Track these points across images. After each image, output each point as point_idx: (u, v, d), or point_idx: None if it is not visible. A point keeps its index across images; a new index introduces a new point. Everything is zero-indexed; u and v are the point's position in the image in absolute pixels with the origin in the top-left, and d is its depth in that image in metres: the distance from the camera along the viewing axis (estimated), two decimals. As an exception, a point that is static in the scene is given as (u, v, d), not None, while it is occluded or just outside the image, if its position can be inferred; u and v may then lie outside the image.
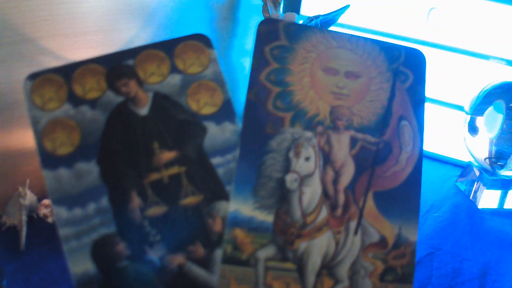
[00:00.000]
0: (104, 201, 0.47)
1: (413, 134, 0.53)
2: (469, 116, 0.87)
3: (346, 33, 0.54)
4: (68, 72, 0.49)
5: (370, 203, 0.51)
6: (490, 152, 0.85)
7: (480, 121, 0.85)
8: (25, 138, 0.70)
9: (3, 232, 0.67)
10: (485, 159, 0.86)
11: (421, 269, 0.67)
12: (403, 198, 0.51)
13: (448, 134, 0.98)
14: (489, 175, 0.87)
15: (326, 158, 0.50)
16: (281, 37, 0.52)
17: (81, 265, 0.46)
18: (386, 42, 0.54)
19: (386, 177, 0.51)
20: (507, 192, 0.87)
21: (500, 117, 0.83)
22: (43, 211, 0.70)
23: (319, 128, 0.51)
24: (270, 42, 0.52)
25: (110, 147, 0.48)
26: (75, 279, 0.46)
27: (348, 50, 0.53)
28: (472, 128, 0.86)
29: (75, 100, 0.49)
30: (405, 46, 0.55)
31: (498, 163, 0.85)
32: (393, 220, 0.51)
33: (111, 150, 0.48)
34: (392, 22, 0.95)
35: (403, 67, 0.54)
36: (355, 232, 0.50)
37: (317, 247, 0.49)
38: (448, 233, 0.77)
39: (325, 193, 0.50)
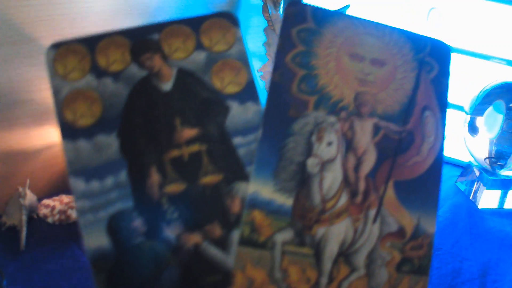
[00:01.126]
0: (123, 176, 0.46)
1: (436, 125, 0.52)
2: (469, 116, 0.87)
3: (373, 20, 0.53)
4: (93, 43, 0.48)
5: (390, 192, 0.50)
6: (490, 152, 0.85)
7: (480, 121, 0.85)
8: (25, 138, 0.71)
9: (3, 232, 0.66)
10: (485, 159, 0.86)
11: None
12: (423, 189, 0.51)
13: (448, 134, 0.96)
14: (489, 175, 0.87)
15: (349, 144, 0.50)
16: (308, 20, 0.51)
17: (95, 239, 0.45)
18: (412, 32, 0.54)
19: (407, 167, 0.51)
20: (507, 192, 0.88)
21: (500, 117, 0.83)
22: (43, 211, 0.70)
23: (343, 114, 0.50)
24: (297, 24, 0.51)
25: (131, 121, 0.47)
26: (89, 254, 0.45)
27: (374, 37, 0.52)
28: (472, 128, 0.87)
29: (98, 71, 0.48)
30: (431, 37, 0.54)
31: (498, 163, 0.86)
32: (412, 210, 0.50)
33: (132, 124, 0.47)
34: (392, 22, 0.95)
35: (429, 58, 0.53)
36: (374, 221, 0.49)
37: (335, 234, 0.48)
38: (448, 233, 0.77)
39: (345, 179, 0.49)
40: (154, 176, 0.47)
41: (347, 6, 0.88)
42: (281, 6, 0.92)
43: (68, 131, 0.47)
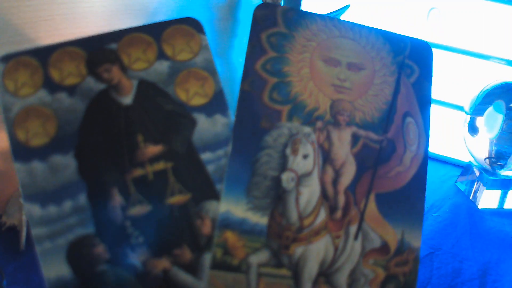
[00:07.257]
0: (82, 199, 0.43)
1: (419, 132, 0.49)
2: (469, 116, 0.86)
3: (349, 22, 0.50)
4: (45, 55, 0.45)
5: (371, 205, 0.47)
6: (490, 152, 0.84)
7: (480, 121, 0.85)
8: (25, 138, 0.70)
9: (3, 232, 0.65)
10: (485, 159, 0.85)
11: (421, 269, 0.65)
12: (406, 201, 0.48)
13: (448, 134, 0.98)
14: (489, 175, 0.87)
15: (326, 156, 0.47)
16: (279, 24, 0.48)
17: (55, 268, 0.42)
18: (391, 32, 0.51)
19: (389, 178, 0.48)
20: (507, 192, 0.87)
21: (500, 117, 0.82)
22: (43, 211, 0.69)
23: (319, 123, 0.47)
24: (267, 28, 0.48)
25: (89, 139, 0.44)
26: (48, 285, 0.42)
27: (351, 40, 0.49)
28: (472, 128, 0.86)
29: (51, 86, 0.44)
30: (411, 38, 0.51)
31: (498, 163, 0.85)
32: (395, 224, 0.47)
33: (91, 143, 0.44)
34: (392, 22, 0.95)
35: (409, 60, 0.50)
36: (356, 237, 0.46)
37: (315, 253, 0.45)
38: (448, 233, 0.76)
39: (324, 194, 0.46)
40: (116, 198, 0.44)
41: (347, 6, 0.87)
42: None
43: (21, 152, 0.43)
